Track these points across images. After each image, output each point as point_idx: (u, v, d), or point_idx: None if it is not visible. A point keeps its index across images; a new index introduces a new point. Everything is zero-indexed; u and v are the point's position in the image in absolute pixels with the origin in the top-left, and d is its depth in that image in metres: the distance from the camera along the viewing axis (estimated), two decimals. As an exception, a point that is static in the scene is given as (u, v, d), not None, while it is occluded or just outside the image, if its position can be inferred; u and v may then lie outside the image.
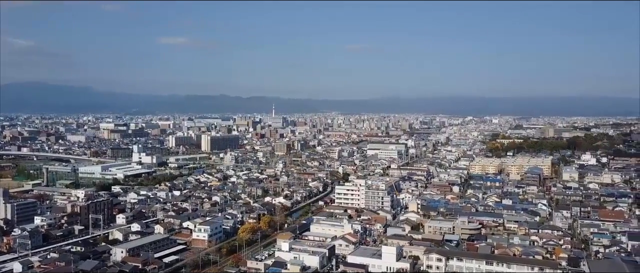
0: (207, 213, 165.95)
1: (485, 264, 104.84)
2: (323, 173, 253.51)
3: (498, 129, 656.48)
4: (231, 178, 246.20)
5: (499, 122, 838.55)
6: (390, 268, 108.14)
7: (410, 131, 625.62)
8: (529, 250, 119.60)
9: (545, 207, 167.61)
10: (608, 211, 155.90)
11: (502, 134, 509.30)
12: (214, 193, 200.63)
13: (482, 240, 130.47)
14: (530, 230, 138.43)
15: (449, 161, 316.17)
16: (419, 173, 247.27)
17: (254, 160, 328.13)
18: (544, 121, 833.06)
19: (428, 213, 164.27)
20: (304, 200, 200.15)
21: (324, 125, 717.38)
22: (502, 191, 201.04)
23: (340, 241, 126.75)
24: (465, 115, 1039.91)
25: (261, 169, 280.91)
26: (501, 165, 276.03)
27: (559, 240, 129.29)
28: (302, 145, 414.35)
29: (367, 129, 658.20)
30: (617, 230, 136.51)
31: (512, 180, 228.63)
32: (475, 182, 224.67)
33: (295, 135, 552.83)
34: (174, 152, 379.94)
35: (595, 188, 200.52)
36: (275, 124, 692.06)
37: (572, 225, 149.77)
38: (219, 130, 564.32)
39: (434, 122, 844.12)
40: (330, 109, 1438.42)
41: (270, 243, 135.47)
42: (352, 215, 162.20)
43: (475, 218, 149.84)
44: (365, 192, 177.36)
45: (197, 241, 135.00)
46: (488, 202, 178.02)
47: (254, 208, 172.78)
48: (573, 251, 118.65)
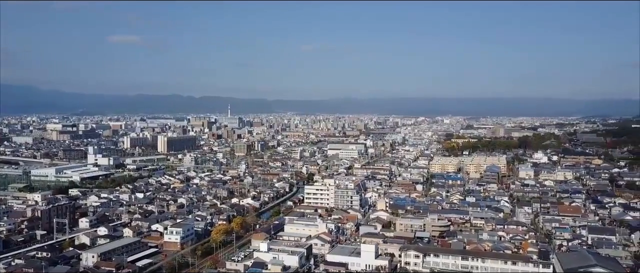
0: (174, 215, 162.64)
1: (461, 259, 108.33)
2: (288, 174, 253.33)
3: (450, 129, 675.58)
4: (194, 179, 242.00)
5: (450, 122, 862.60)
6: (369, 266, 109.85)
7: (366, 131, 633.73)
8: (498, 245, 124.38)
9: (508, 204, 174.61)
10: (566, 206, 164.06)
11: (456, 134, 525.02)
12: (179, 195, 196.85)
13: (453, 236, 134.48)
14: (497, 225, 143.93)
15: (408, 160, 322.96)
16: (382, 172, 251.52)
17: (214, 161, 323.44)
18: (492, 121, 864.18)
19: (396, 212, 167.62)
20: (271, 201, 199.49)
21: (281, 125, 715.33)
22: (464, 189, 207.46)
23: (316, 240, 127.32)
24: (418, 116, 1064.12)
25: (223, 170, 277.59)
26: (459, 164, 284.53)
27: (525, 235, 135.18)
28: (262, 146, 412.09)
29: (324, 129, 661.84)
30: (576, 224, 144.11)
31: (472, 179, 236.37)
32: (437, 180, 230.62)
33: (252, 135, 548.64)
34: (129, 153, 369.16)
35: (551, 185, 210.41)
36: (232, 125, 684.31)
37: (534, 220, 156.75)
38: (174, 131, 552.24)
39: (387, 123, 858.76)
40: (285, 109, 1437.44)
41: (244, 244, 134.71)
42: (322, 215, 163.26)
43: (444, 216, 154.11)
44: (335, 191, 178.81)
45: (169, 244, 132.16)
46: (452, 200, 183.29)
47: (223, 209, 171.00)
48: (540, 245, 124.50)
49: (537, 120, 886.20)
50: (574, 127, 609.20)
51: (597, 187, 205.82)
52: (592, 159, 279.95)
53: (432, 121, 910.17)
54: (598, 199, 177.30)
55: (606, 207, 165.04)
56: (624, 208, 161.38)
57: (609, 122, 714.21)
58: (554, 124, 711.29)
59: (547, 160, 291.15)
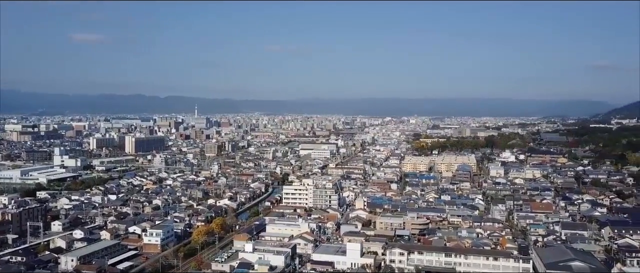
0: (151, 217, 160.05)
1: (444, 256, 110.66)
2: (262, 174, 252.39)
3: (417, 129, 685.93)
4: (166, 181, 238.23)
5: (416, 122, 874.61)
6: (355, 265, 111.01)
7: (335, 131, 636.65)
8: (477, 241, 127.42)
9: (482, 202, 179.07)
10: (538, 204, 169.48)
11: (424, 134, 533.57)
12: (153, 197, 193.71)
13: (433, 234, 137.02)
14: (474, 223, 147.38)
15: (380, 160, 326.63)
16: (356, 172, 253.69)
17: (185, 162, 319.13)
18: (457, 121, 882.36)
19: (374, 210, 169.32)
20: (248, 202, 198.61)
21: (250, 125, 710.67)
22: (439, 188, 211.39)
23: (299, 240, 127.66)
24: (384, 116, 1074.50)
25: (196, 171, 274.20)
26: (430, 163, 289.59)
27: (501, 232, 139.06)
28: (232, 146, 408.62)
29: (294, 130, 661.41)
30: (549, 220, 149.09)
31: (445, 178, 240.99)
32: (411, 179, 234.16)
33: (221, 136, 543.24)
34: (96, 154, 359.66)
35: (521, 183, 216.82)
36: (199, 125, 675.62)
37: (509, 217, 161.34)
38: (140, 131, 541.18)
39: (355, 123, 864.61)
40: (252, 109, 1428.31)
41: (226, 245, 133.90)
42: (301, 215, 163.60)
43: (422, 214, 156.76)
44: (314, 191, 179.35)
45: (149, 246, 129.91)
46: (428, 199, 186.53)
47: (201, 211, 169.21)
48: (517, 241, 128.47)
49: (500, 120, 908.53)
50: (536, 126, 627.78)
51: (564, 184, 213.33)
52: (557, 158, 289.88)
53: (399, 121, 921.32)
54: (567, 196, 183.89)
55: (575, 203, 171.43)
56: (591, 204, 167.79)
57: (568, 122, 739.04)
58: (517, 123, 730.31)
59: (515, 159, 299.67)
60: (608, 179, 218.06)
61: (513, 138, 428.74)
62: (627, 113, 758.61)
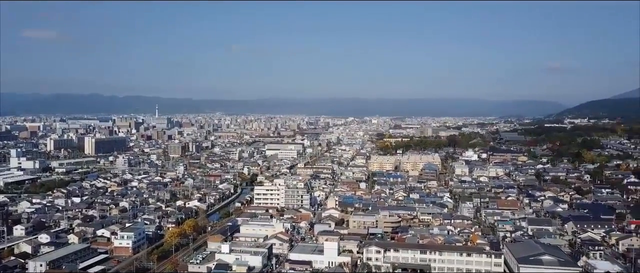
0: (119, 219, 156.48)
1: (419, 253, 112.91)
2: (230, 175, 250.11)
3: (380, 129, 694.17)
4: (131, 182, 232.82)
5: (378, 123, 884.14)
6: (332, 263, 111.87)
7: (300, 131, 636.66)
8: (449, 238, 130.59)
9: (450, 200, 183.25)
10: (504, 201, 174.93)
11: (388, 134, 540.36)
12: (119, 199, 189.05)
13: (406, 232, 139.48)
14: (444, 220, 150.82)
15: (346, 159, 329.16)
16: (325, 171, 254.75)
17: (149, 163, 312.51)
18: (417, 121, 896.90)
19: (345, 209, 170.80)
20: (218, 203, 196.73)
21: (212, 126, 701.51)
22: (406, 186, 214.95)
23: (274, 240, 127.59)
24: (347, 116, 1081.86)
25: (161, 172, 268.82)
26: (396, 162, 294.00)
27: (471, 228, 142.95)
28: (196, 147, 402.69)
29: (258, 130, 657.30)
30: (515, 217, 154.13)
31: (412, 176, 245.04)
32: (379, 178, 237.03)
33: (183, 136, 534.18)
34: (54, 156, 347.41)
35: (485, 181, 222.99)
36: (160, 125, 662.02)
37: (476, 214, 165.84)
38: (100, 132, 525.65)
39: (319, 123, 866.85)
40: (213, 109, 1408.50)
41: (200, 247, 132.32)
42: (274, 215, 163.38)
43: (393, 212, 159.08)
44: (285, 191, 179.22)
45: (119, 249, 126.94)
46: (398, 197, 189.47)
47: (171, 212, 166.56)
48: (487, 237, 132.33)
49: (459, 119, 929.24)
50: (494, 126, 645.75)
51: (526, 182, 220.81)
52: (518, 156, 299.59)
53: (361, 121, 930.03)
54: (530, 193, 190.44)
55: (538, 200, 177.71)
56: (553, 201, 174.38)
57: (525, 121, 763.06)
58: (476, 123, 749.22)
59: (477, 157, 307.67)
60: (567, 177, 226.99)
61: (474, 137, 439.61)
62: (578, 113, 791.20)
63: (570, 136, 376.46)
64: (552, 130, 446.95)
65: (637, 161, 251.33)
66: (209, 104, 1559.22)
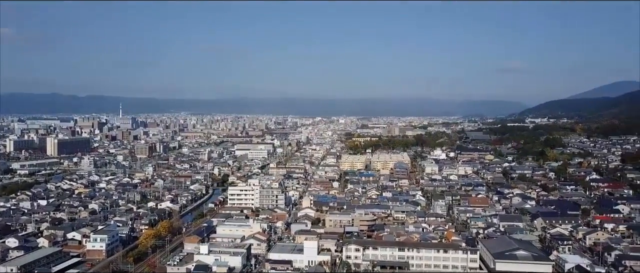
0: (89, 222, 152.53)
1: (397, 251, 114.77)
2: (201, 176, 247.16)
3: (347, 129, 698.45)
4: (99, 184, 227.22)
5: (345, 122, 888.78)
6: (312, 262, 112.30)
7: (268, 131, 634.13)
8: (425, 236, 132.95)
9: (422, 198, 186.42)
10: (475, 198, 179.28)
11: (356, 133, 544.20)
12: (87, 201, 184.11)
13: (382, 230, 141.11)
14: (419, 218, 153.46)
15: (317, 159, 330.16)
16: (297, 171, 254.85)
17: (115, 164, 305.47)
18: (384, 121, 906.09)
19: (320, 208, 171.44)
20: (190, 204, 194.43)
21: (178, 126, 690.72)
22: (379, 185, 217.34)
23: (252, 240, 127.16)
24: (314, 116, 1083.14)
25: (129, 174, 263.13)
26: (366, 161, 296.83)
27: (445, 226, 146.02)
28: (164, 147, 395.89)
29: (225, 130, 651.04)
30: (486, 214, 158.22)
31: (383, 175, 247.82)
32: (351, 177, 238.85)
33: (149, 136, 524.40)
34: (14, 157, 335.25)
35: (455, 179, 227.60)
36: (125, 125, 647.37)
37: (449, 212, 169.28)
38: (62, 132, 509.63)
39: (287, 123, 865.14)
40: (178, 109, 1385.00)
41: (176, 248, 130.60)
42: (249, 215, 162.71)
43: (368, 211, 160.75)
44: (260, 191, 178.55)
45: (92, 252, 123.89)
46: (371, 196, 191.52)
47: (143, 214, 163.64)
48: (461, 234, 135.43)
49: (424, 119, 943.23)
50: (459, 125, 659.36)
51: (494, 180, 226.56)
52: (484, 155, 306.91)
53: (329, 121, 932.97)
54: (499, 191, 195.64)
55: (507, 197, 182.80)
56: (522, 198, 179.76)
57: (488, 121, 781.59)
58: (441, 123, 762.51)
59: (446, 156, 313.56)
60: (532, 174, 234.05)
61: (441, 137, 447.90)
62: (538, 113, 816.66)
63: (533, 135, 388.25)
64: (515, 130, 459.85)
65: (598, 159, 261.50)
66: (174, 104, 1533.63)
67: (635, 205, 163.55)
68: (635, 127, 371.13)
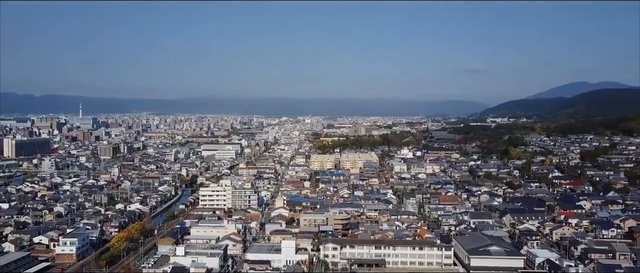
0: (56, 225, 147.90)
1: (374, 249, 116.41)
2: (170, 177, 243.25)
3: (314, 128, 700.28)
4: (63, 186, 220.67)
5: (311, 122, 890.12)
6: (291, 262, 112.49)
7: (234, 131, 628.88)
8: (399, 233, 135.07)
9: (394, 196, 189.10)
10: (444, 196, 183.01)
11: (324, 133, 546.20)
12: (52, 204, 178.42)
13: (356, 228, 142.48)
14: (391, 216, 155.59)
15: (286, 159, 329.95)
16: (268, 171, 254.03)
17: (78, 165, 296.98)
18: (349, 121, 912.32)
19: (294, 208, 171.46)
20: (160, 205, 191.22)
21: (141, 126, 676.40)
22: (350, 184, 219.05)
23: (227, 241, 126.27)
24: (281, 116, 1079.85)
25: (94, 175, 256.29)
26: (336, 160, 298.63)
27: (417, 223, 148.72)
28: (128, 148, 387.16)
29: (189, 130, 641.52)
30: (457, 211, 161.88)
31: (353, 174, 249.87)
32: (322, 177, 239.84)
33: (111, 137, 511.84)
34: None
35: (424, 177, 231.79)
36: (85, 126, 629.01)
37: (420, 210, 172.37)
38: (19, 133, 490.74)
39: (253, 122, 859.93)
40: (140, 108, 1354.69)
41: (149, 250, 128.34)
42: (221, 216, 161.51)
43: (342, 210, 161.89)
44: (232, 192, 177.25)
45: (62, 256, 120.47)
46: (343, 195, 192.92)
47: (112, 216, 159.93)
48: (435, 231, 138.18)
49: (388, 119, 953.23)
50: (423, 125, 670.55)
51: (461, 178, 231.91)
52: (451, 154, 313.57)
53: (295, 121, 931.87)
54: (467, 188, 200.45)
55: (475, 195, 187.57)
56: (489, 195, 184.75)
57: (450, 120, 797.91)
58: (405, 123, 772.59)
59: (413, 155, 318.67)
60: (498, 172, 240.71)
61: (406, 136, 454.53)
62: (498, 112, 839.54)
63: (496, 134, 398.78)
64: (478, 129, 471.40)
65: (558, 157, 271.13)
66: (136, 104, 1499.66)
67: (596, 201, 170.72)
68: (591, 126, 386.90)
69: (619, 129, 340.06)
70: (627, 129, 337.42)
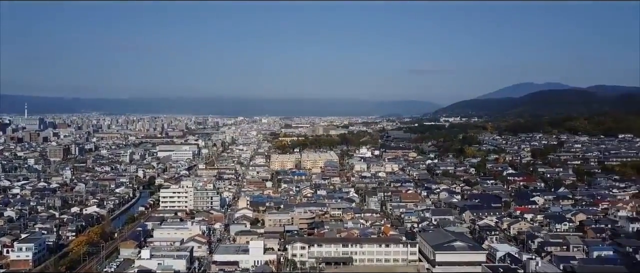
0: (7, 230, 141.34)
1: (342, 247, 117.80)
2: (126, 179, 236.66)
3: (271, 128, 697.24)
4: (12, 190, 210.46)
5: (268, 122, 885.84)
6: (259, 262, 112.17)
7: (189, 131, 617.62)
8: (364, 231, 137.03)
9: (356, 195, 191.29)
10: (406, 194, 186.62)
11: (282, 133, 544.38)
12: (2, 208, 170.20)
13: (322, 227, 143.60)
14: (355, 214, 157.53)
15: (246, 159, 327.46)
16: (228, 172, 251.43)
17: (27, 167, 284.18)
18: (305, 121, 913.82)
19: (257, 209, 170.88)
20: (118, 208, 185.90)
21: (92, 126, 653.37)
22: (312, 183, 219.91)
23: (192, 243, 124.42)
24: (236, 116, 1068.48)
25: (44, 178, 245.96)
26: (296, 160, 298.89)
27: (381, 221, 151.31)
28: (80, 149, 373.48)
29: (142, 130, 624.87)
30: (418, 208, 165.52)
31: (314, 174, 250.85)
32: (284, 177, 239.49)
33: (60, 138, 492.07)
34: None
35: (384, 176, 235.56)
36: (31, 126, 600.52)
37: (382, 207, 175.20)
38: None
39: (208, 122, 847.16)
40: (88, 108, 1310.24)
41: (110, 254, 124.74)
42: (183, 218, 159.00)
43: (307, 209, 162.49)
44: (194, 193, 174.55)
45: (17, 262, 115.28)
46: (306, 194, 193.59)
47: (68, 220, 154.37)
48: (398, 228, 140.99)
49: (344, 119, 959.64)
50: (378, 125, 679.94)
51: (420, 176, 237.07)
52: (408, 153, 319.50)
53: (252, 121, 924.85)
54: (426, 186, 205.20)
55: (435, 192, 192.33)
56: (448, 193, 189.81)
57: (405, 120, 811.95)
58: (360, 122, 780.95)
59: (371, 154, 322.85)
60: (455, 170, 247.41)
61: (364, 136, 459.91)
62: (450, 112, 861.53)
63: (450, 133, 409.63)
64: (433, 128, 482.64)
65: (511, 155, 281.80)
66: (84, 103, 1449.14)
67: (548, 197, 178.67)
68: (539, 125, 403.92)
69: (565, 128, 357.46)
70: (572, 127, 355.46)
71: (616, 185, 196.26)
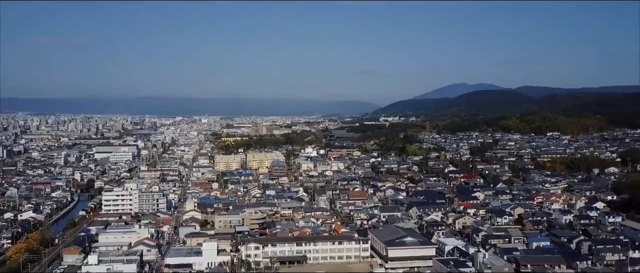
0: None
1: (296, 246, 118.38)
2: (62, 182, 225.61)
3: (212, 128, 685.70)
4: None
5: (208, 122, 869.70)
6: (213, 264, 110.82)
7: (126, 132, 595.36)
8: (315, 229, 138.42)
9: (305, 193, 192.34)
10: (354, 192, 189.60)
11: (224, 133, 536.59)
12: None
13: (274, 227, 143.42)
14: (306, 213, 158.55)
15: (188, 160, 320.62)
16: (172, 173, 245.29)
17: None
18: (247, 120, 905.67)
19: (205, 210, 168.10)
20: (56, 212, 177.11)
21: (20, 127, 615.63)
22: (259, 184, 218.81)
23: (140, 246, 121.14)
24: (175, 116, 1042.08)
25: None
26: (241, 161, 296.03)
27: (331, 219, 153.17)
28: (8, 152, 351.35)
29: (76, 131, 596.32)
30: (366, 206, 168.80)
31: (261, 174, 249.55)
32: (230, 177, 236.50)
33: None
34: None
35: (330, 175, 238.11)
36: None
37: (332, 206, 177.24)
38: None
39: (145, 123, 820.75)
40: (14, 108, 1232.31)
41: (52, 261, 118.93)
42: (128, 221, 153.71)
43: (257, 209, 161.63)
44: (139, 195, 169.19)
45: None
46: (255, 194, 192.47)
47: (2, 227, 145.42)
48: (349, 226, 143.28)
49: (287, 119, 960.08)
50: (321, 124, 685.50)
51: (365, 174, 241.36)
52: (352, 152, 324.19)
53: (191, 121, 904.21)
54: (372, 184, 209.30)
55: (381, 190, 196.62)
56: (394, 190, 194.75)
57: (346, 120, 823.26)
58: (303, 122, 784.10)
59: (316, 154, 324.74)
60: (398, 168, 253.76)
61: (307, 135, 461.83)
62: (389, 112, 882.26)
63: (391, 132, 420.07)
64: (374, 128, 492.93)
65: (451, 153, 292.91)
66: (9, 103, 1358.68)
67: (488, 192, 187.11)
68: (474, 124, 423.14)
69: (499, 127, 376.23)
70: (505, 126, 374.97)
71: (548, 180, 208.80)
